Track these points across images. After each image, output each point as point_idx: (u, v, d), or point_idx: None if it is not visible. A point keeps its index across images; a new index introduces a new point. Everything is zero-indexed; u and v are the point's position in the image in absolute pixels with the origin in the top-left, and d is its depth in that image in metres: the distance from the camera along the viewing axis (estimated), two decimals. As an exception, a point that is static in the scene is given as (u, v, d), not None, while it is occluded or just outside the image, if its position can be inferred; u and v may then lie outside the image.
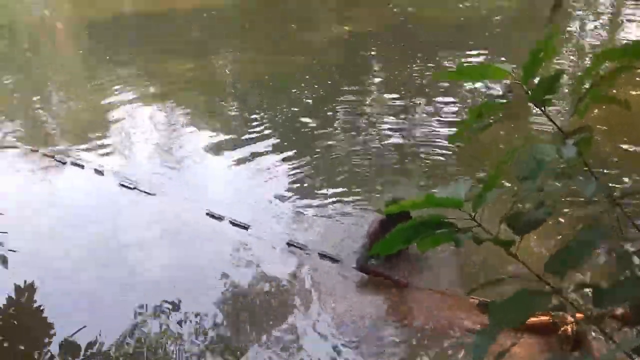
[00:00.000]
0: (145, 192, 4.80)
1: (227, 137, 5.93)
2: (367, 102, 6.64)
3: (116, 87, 7.78)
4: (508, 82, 1.30)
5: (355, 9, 11.08)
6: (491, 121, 1.26)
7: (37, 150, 5.73)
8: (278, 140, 5.72)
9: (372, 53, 8.58)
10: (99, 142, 6.02)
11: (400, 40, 8.84)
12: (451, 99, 6.34)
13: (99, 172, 5.19)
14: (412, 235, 1.07)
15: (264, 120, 6.29)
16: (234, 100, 7.28)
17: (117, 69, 8.88)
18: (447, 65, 7.81)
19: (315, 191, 4.70)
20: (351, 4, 11.57)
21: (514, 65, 1.13)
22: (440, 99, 6.37)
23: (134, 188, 4.86)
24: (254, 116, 6.44)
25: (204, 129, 6.31)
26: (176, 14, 12.76)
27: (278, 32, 10.39)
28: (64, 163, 5.45)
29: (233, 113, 6.81)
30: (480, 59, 7.63)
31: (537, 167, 1.01)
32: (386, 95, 6.75)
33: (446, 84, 6.78)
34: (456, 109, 6.14)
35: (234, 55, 9.32)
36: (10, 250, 3.89)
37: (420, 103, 6.40)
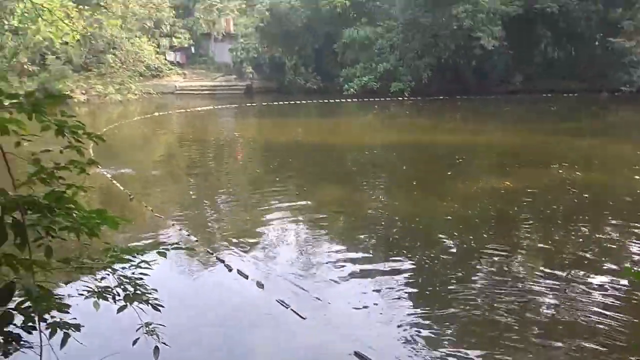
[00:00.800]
0: (297, 313, 5.02)
1: (373, 275, 5.94)
2: (516, 263, 6.29)
3: (277, 202, 8.65)
4: None
5: (519, 167, 11.08)
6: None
7: (212, 254, 6.42)
8: (421, 285, 5.68)
9: (528, 212, 8.34)
10: (258, 252, 6.57)
11: (562, 203, 8.53)
12: (617, 283, 5.71)
13: (260, 285, 5.60)
14: None
15: (406, 261, 6.29)
16: (378, 233, 7.46)
17: (280, 185, 9.93)
18: (617, 238, 7.30)
19: (462, 349, 4.49)
20: (515, 162, 11.61)
21: None
22: (603, 278, 5.76)
23: (288, 307, 5.12)
24: (396, 255, 6.48)
25: (351, 258, 6.38)
26: (340, 148, 14.01)
27: (433, 177, 10.74)
28: (230, 270, 6.00)
29: (376, 247, 6.92)
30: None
31: None
32: (537, 259, 6.39)
33: (612, 264, 6.28)
34: (624, 299, 5.47)
35: (386, 191, 9.78)
36: (163, 343, 4.17)
37: (579, 279, 5.88)
